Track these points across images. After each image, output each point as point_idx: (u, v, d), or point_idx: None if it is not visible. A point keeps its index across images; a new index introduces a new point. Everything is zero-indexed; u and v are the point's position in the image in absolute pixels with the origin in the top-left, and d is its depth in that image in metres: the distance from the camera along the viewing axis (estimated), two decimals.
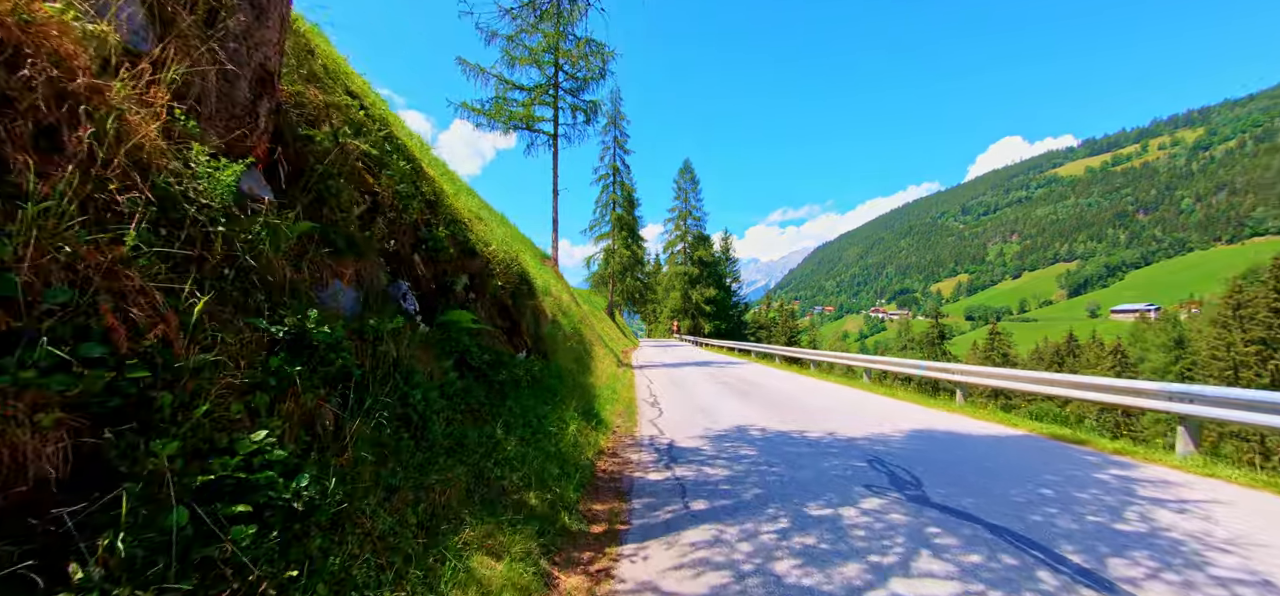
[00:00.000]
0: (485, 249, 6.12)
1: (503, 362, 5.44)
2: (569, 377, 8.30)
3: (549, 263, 19.59)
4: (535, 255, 18.16)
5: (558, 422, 5.68)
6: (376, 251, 3.83)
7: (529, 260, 13.21)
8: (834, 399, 10.53)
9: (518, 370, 5.69)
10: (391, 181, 4.15)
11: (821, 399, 10.52)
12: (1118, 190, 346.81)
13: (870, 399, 10.58)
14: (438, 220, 5.13)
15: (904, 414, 8.78)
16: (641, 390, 12.49)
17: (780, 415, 8.74)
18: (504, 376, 5.18)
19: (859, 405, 9.72)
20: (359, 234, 3.55)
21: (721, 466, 5.65)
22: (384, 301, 3.78)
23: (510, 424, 4.59)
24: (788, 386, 12.78)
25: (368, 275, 3.56)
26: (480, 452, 3.71)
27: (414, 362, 3.63)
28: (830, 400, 10.34)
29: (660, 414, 9.16)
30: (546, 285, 10.24)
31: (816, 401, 10.16)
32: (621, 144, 48.38)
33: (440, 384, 3.77)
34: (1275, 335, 48.52)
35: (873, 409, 9.28)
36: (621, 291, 52.62)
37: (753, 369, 17.80)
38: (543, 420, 5.36)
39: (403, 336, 3.65)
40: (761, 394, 11.37)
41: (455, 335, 4.48)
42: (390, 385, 3.21)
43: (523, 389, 5.65)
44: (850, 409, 9.28)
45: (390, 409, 3.04)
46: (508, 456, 3.93)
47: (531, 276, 7.53)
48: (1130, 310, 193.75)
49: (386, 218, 4.08)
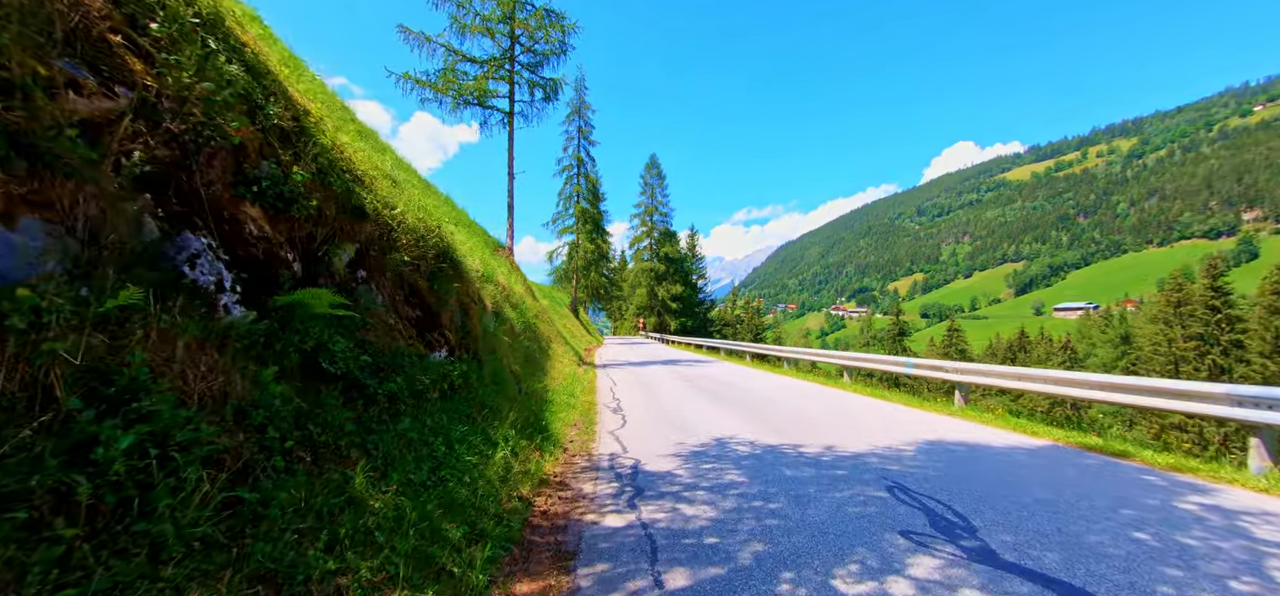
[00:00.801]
0: (387, 213, 4.51)
1: (400, 367, 3.87)
2: (511, 383, 6.75)
3: (504, 252, 17.83)
4: (487, 245, 16.38)
5: (482, 447, 4.14)
6: (119, 174, 2.23)
7: (474, 246, 11.53)
8: (819, 402, 9.31)
9: (425, 376, 4.12)
10: (176, 68, 2.53)
11: (805, 402, 9.29)
12: (1061, 195, 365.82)
13: (859, 401, 9.42)
14: (302, 156, 3.52)
15: (903, 420, 7.60)
16: (603, 393, 11.00)
17: (764, 423, 7.41)
18: (396, 386, 3.61)
19: (849, 409, 8.52)
20: (66, 139, 1.94)
21: (703, 503, 4.23)
22: (142, 263, 2.19)
23: (393, 459, 3.04)
24: (764, 387, 11.53)
25: (86, 211, 1.96)
26: (302, 523, 2.16)
27: (186, 370, 2.04)
28: (815, 404, 9.11)
29: (624, 423, 7.70)
30: (490, 271, 8.63)
31: (801, 405, 8.91)
32: (586, 134, 46.65)
33: (238, 405, 2.21)
34: (1212, 332, 51.08)
35: (867, 414, 8.08)
36: (586, 287, 50.81)
37: (723, 368, 16.56)
38: (456, 446, 3.81)
39: (180, 327, 2.07)
40: (738, 397, 10.06)
41: (303, 327, 2.91)
42: None
43: (431, 402, 4.09)
44: (841, 414, 8.05)
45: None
46: (364, 525, 2.39)
47: (460, 256, 5.96)
48: (1071, 308, 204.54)
49: (160, 125, 2.45)
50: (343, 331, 3.37)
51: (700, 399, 9.87)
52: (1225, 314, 52.08)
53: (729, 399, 9.81)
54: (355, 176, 4.27)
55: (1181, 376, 51.76)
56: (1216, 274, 53.02)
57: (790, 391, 10.82)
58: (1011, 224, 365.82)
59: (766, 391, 10.83)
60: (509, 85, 18.29)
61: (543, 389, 9.39)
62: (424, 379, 4.02)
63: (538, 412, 7.12)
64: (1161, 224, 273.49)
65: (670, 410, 8.69)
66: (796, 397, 9.87)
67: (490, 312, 7.22)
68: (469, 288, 5.78)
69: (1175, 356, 56.18)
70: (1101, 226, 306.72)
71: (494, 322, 7.44)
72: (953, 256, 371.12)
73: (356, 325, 3.70)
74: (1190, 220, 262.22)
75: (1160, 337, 57.93)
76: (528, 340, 11.76)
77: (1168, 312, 58.19)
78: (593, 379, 13.72)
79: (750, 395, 10.29)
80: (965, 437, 6.55)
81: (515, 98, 18.46)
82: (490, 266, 9.44)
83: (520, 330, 10.06)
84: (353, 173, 4.28)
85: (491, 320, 7.30)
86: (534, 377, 9.90)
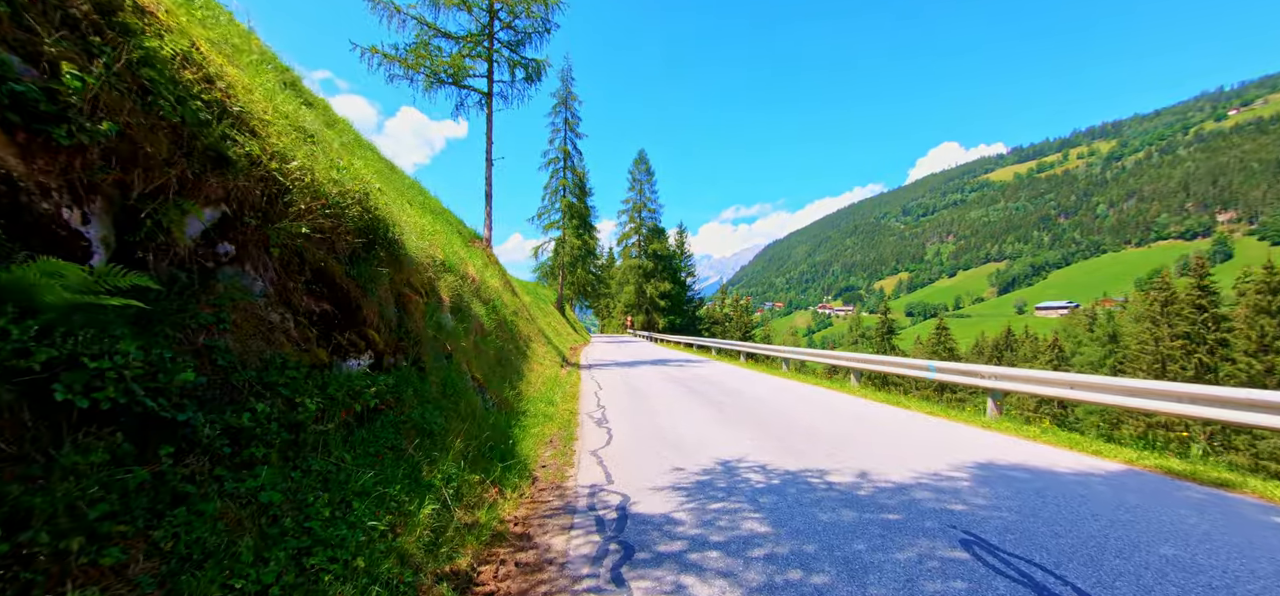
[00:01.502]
0: (276, 167, 3.21)
1: (272, 385, 2.60)
2: (473, 394, 5.48)
3: (479, 243, 16.45)
4: (460, 235, 15.01)
5: (404, 498, 2.87)
6: None
7: (442, 234, 10.19)
8: (833, 411, 8.16)
9: (318, 398, 2.85)
10: None
11: (816, 411, 8.13)
12: (1042, 195, 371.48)
13: (876, 411, 8.29)
14: (110, 60, 2.24)
15: (937, 436, 6.47)
16: (587, 399, 9.76)
17: (777, 440, 6.22)
18: (251, 419, 2.35)
19: (869, 421, 7.37)
20: None
21: (718, 572, 3.01)
22: None
23: (209, 552, 1.78)
24: (765, 392, 10.38)
25: None
26: None
27: None
28: (829, 413, 7.96)
29: (609, 440, 6.46)
30: (453, 260, 7.30)
31: (812, 415, 7.74)
32: (572, 126, 45.25)
33: None
34: (1198, 331, 51.27)
35: (891, 427, 6.94)
36: (572, 284, 49.42)
37: (716, 368, 15.40)
38: (356, 504, 2.56)
39: None
40: (739, 404, 8.87)
41: (21, 329, 1.62)
42: None
43: (329, 436, 2.82)
44: (863, 427, 6.90)
45: None
46: None
47: (400, 234, 4.66)
48: (1052, 307, 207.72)
49: None
50: (150, 333, 2.11)
51: (696, 407, 8.66)
52: (1212, 313, 52.15)
53: (729, 407, 8.62)
54: (226, 111, 2.98)
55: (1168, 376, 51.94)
56: (1203, 273, 53.11)
57: (796, 397, 9.67)
58: (995, 224, 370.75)
59: (769, 397, 9.67)
60: (487, 63, 16.90)
61: (517, 396, 8.13)
62: (314, 402, 2.75)
63: (504, 430, 5.86)
64: (1139, 225, 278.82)
65: (663, 422, 7.47)
66: (805, 405, 8.71)
67: (447, 309, 5.94)
68: (412, 275, 4.50)
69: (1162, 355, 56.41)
70: (1082, 227, 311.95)
71: (453, 321, 6.15)
72: (937, 256, 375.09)
73: (197, 324, 2.42)
74: (1167, 221, 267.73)
75: (1147, 337, 58.14)
76: (502, 340, 10.47)
77: (1155, 311, 58.43)
78: (576, 382, 12.46)
79: (752, 401, 9.11)
80: (1021, 459, 5.42)
81: (494, 77, 17.08)
82: (455, 255, 8.12)
83: (491, 329, 8.77)
84: (223, 107, 2.98)
85: (450, 318, 6.02)
86: (507, 383, 8.63)
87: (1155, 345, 58.16)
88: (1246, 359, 46.69)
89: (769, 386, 11.30)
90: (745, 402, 9.06)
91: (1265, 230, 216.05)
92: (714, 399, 9.53)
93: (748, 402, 9.06)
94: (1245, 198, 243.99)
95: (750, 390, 10.68)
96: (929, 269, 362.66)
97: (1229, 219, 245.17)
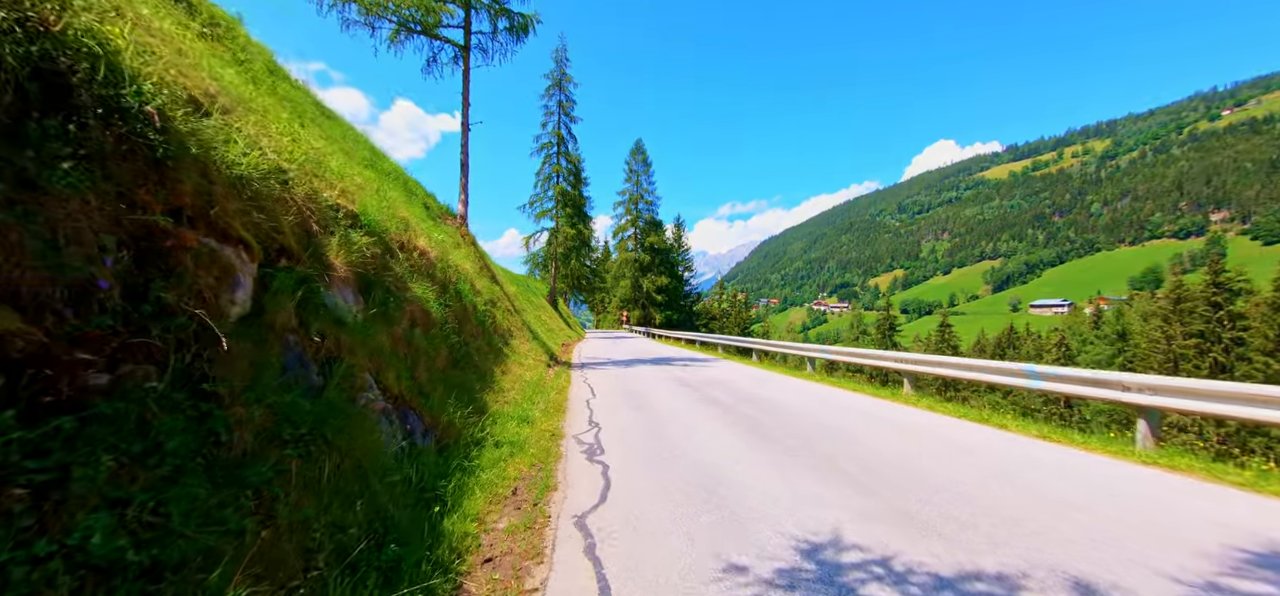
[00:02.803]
0: None
1: None
2: (366, 430, 3.14)
3: (453, 220, 14.02)
4: (429, 213, 12.60)
5: None
6: None
7: (412, 211, 7.80)
8: (924, 437, 5.86)
9: None
10: None
11: (902, 439, 5.81)
12: (1037, 194, 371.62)
13: (987, 437, 6.00)
14: None
15: (1139, 493, 4.19)
16: (576, 412, 7.43)
17: (875, 497, 3.91)
18: None
19: (994, 454, 5.08)
20: None
21: None
22: None
23: None
24: (807, 403, 8.07)
25: None
26: None
27: None
28: (919, 439, 5.66)
29: (605, 493, 4.15)
30: (376, 220, 4.88)
31: (903, 446, 5.43)
32: (567, 109, 42.68)
33: None
34: (1213, 329, 49.60)
35: (1030, 471, 4.65)
36: (566, 276, 47.00)
37: (729, 369, 13.09)
38: None
39: None
40: (784, 424, 6.55)
41: None
42: None
43: None
44: (990, 469, 4.60)
45: None
46: None
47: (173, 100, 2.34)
48: (1047, 305, 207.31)
49: None
50: None
51: (724, 426, 6.34)
52: (1227, 310, 50.31)
53: (770, 426, 6.29)
54: None
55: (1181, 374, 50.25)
56: (1218, 269, 51.29)
57: (853, 411, 7.36)
58: (989, 222, 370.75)
59: (815, 411, 7.35)
60: (464, 10, 14.44)
61: (475, 414, 5.79)
62: None
63: (430, 482, 3.55)
64: (1133, 223, 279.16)
65: (684, 453, 5.14)
66: (872, 425, 6.40)
67: (343, 283, 3.58)
68: (221, 201, 2.22)
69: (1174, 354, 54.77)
70: (1076, 225, 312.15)
71: (355, 307, 3.79)
72: (932, 253, 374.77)
73: None
74: (1161, 220, 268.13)
75: (1158, 335, 56.49)
76: (469, 335, 8.11)
77: (1166, 309, 56.75)
78: (565, 386, 10.12)
79: (796, 418, 6.79)
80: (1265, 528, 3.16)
81: (471, 27, 14.61)
82: (393, 218, 5.72)
83: (445, 320, 6.39)
84: None
85: (348, 299, 3.66)
86: (464, 395, 6.29)
87: (1167, 344, 56.47)
88: (1263, 358, 44.97)
89: (805, 394, 9.01)
90: (789, 420, 6.74)
91: (1258, 230, 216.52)
92: (744, 413, 7.21)
93: (792, 420, 6.74)
94: (1238, 197, 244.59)
95: (785, 400, 8.37)
96: (924, 266, 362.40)
97: (1222, 218, 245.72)
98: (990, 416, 7.05)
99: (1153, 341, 57.47)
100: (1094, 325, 78.18)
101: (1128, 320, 71.21)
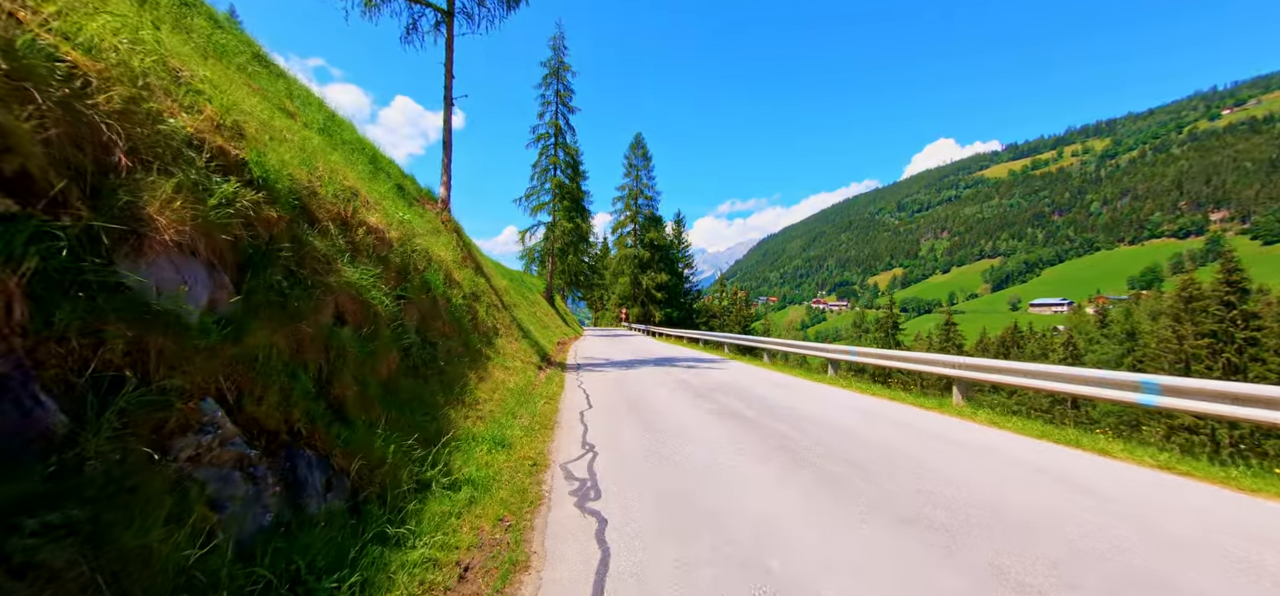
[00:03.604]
0: None
1: None
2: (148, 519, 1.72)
3: (435, 206, 12.56)
4: (404, 194, 11.19)
5: None
6: None
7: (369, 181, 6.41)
8: (980, 452, 4.50)
9: None
10: None
11: (962, 459, 4.46)
12: (1037, 192, 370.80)
13: (1064, 459, 4.65)
14: None
15: None
16: (567, 430, 6.04)
17: (975, 570, 2.54)
18: None
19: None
20: None
21: None
22: None
23: None
24: (846, 419, 6.69)
25: None
26: None
27: None
28: (975, 456, 4.30)
29: (602, 560, 2.79)
30: (280, 178, 3.53)
31: (970, 473, 4.07)
32: (564, 99, 41.13)
33: None
34: (1227, 328, 48.42)
35: (1189, 522, 3.30)
36: (563, 272, 45.49)
37: (740, 372, 11.71)
38: None
39: None
40: (821, 446, 5.16)
41: None
42: None
43: None
44: (1119, 512, 3.26)
45: None
46: None
47: None
48: (1047, 304, 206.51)
49: None
50: None
51: (759, 459, 4.94)
52: (1240, 310, 48.98)
53: (825, 460, 4.89)
54: None
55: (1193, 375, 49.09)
56: (1232, 267, 50.01)
57: (912, 432, 5.97)
58: (989, 220, 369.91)
59: (869, 434, 5.95)
60: None
61: (439, 429, 4.41)
62: None
63: (336, 560, 2.18)
64: (1133, 222, 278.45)
65: (712, 499, 3.76)
66: (945, 451, 5.02)
67: (182, 255, 2.19)
68: None
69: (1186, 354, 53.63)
70: (1075, 224, 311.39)
71: (208, 298, 2.38)
72: (931, 252, 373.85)
73: None
74: (1160, 219, 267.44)
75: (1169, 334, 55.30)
76: (444, 335, 6.71)
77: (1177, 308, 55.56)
78: (557, 393, 8.72)
79: (856, 449, 5.39)
80: None
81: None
82: (311, 177, 4.27)
83: (395, 317, 4.98)
84: None
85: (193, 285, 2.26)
86: (432, 408, 4.90)
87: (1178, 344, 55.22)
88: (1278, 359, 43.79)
89: (838, 405, 7.61)
90: (834, 443, 5.34)
91: (1258, 229, 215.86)
92: (775, 432, 5.81)
93: (836, 443, 5.34)
94: (1238, 197, 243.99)
95: (820, 414, 6.97)
96: (923, 264, 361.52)
97: (1222, 218, 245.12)
98: (1102, 443, 5.65)
99: (1163, 341, 56.32)
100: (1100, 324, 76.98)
101: (1137, 319, 70.00)
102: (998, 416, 6.98)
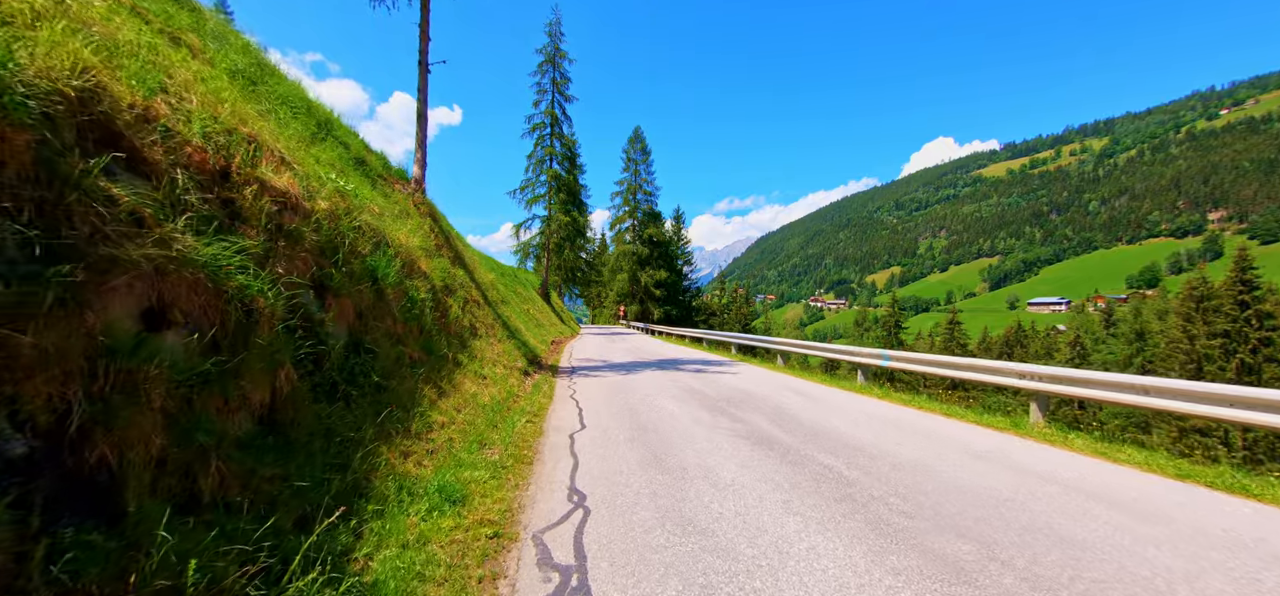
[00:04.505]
0: None
1: None
2: None
3: (407, 187, 10.98)
4: (366, 175, 9.66)
5: None
6: None
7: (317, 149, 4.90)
8: (1098, 501, 3.03)
9: None
10: None
11: (1092, 512, 2.99)
12: (1035, 191, 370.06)
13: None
14: None
15: None
16: (549, 468, 4.54)
17: None
18: None
19: None
20: None
21: None
22: None
23: None
24: (899, 447, 5.20)
25: None
26: None
27: None
28: (1109, 508, 2.84)
29: None
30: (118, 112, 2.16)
31: (1105, 535, 2.61)
32: (561, 88, 39.50)
33: None
34: (1240, 327, 47.20)
35: None
36: (560, 268, 43.82)
37: (755, 377, 10.20)
38: None
39: None
40: (883, 485, 3.67)
41: None
42: None
43: None
44: None
45: None
46: None
47: None
48: (1045, 303, 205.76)
49: None
50: None
51: (818, 520, 3.45)
52: (1255, 309, 47.66)
53: (896, 516, 3.40)
54: None
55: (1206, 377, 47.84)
56: (1246, 265, 48.71)
57: (993, 466, 4.49)
58: (987, 219, 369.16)
59: (942, 469, 4.45)
60: None
61: (349, 487, 2.91)
62: None
63: None
64: (1131, 222, 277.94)
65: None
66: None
67: None
68: None
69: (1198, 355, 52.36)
70: (1073, 223, 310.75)
71: None
72: (929, 250, 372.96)
73: None
74: (1158, 219, 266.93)
75: (1179, 334, 54.03)
76: (398, 339, 5.20)
77: (1188, 308, 54.33)
78: (543, 407, 7.20)
79: (931, 492, 3.90)
80: None
81: None
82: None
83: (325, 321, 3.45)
84: None
85: None
86: (360, 443, 3.40)
87: (1190, 344, 53.91)
88: None
89: (883, 422, 6.12)
90: (897, 482, 3.83)
91: (1255, 229, 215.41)
92: (823, 467, 4.31)
93: (901, 482, 3.84)
94: (1236, 196, 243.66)
95: (866, 441, 5.45)
96: (921, 263, 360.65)
97: (1220, 217, 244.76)
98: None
99: (1174, 341, 55.01)
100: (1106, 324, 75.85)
101: (1145, 319, 68.76)
102: (1102, 444, 5.49)
